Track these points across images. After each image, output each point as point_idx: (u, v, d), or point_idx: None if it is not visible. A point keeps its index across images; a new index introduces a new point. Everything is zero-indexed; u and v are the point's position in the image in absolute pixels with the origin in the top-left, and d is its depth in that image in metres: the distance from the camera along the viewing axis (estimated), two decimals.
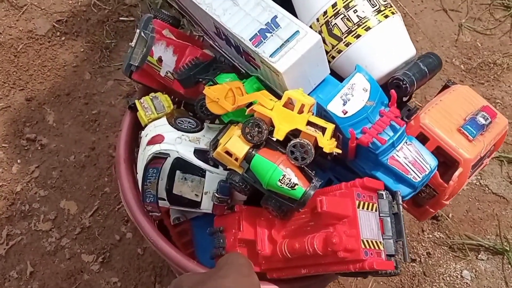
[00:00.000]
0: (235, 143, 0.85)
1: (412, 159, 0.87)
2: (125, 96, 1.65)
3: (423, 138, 0.91)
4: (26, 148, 1.60)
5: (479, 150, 0.91)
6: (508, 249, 1.48)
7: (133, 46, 1.02)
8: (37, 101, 1.67)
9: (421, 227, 1.53)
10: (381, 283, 1.46)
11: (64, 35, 1.77)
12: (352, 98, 0.84)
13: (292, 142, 0.82)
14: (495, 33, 1.80)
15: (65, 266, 1.47)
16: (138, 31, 1.02)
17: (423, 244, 1.51)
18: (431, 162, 0.88)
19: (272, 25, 0.86)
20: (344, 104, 0.84)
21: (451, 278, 1.47)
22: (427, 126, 0.91)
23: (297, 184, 0.81)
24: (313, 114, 0.85)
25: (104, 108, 1.67)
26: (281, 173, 0.81)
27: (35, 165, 1.59)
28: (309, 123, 0.83)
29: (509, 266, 1.48)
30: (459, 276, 1.47)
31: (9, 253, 1.49)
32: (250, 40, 0.86)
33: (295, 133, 0.83)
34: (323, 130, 0.83)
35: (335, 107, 0.84)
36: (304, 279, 0.92)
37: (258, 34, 0.86)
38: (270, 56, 0.84)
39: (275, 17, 0.87)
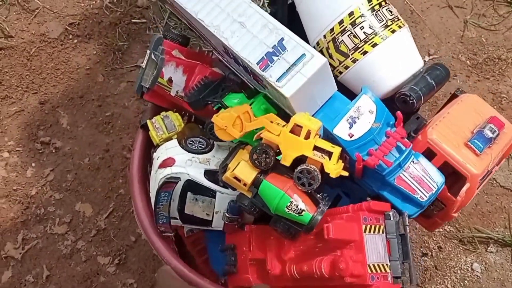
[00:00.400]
0: (243, 169, 0.87)
1: (419, 178, 0.88)
2: (139, 100, 1.66)
3: (430, 153, 0.93)
4: (40, 151, 1.62)
5: (486, 164, 0.92)
6: None
7: (143, 67, 1.04)
8: (51, 104, 1.68)
9: None
10: None
11: (77, 38, 1.77)
12: (358, 121, 0.86)
13: (298, 168, 0.84)
14: (499, 29, 1.79)
15: (81, 268, 1.49)
16: (148, 52, 1.04)
17: (434, 238, 1.53)
18: (438, 179, 0.89)
19: (279, 48, 0.87)
20: (350, 127, 0.85)
21: (461, 271, 1.49)
22: (435, 142, 0.92)
23: (304, 210, 0.83)
24: (320, 136, 0.86)
25: (118, 110, 1.67)
26: (289, 200, 0.83)
27: (49, 168, 1.60)
28: (316, 148, 0.84)
29: None
30: (469, 269, 1.49)
31: (25, 257, 1.51)
32: (257, 64, 0.87)
33: (302, 158, 0.84)
34: (329, 154, 0.84)
35: (341, 130, 0.85)
36: None
37: (265, 57, 0.87)
38: (277, 80, 0.85)
39: (282, 39, 0.88)
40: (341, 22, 0.94)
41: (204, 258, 1.19)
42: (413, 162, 0.89)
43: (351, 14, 0.94)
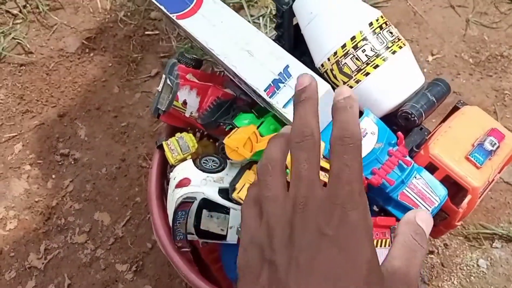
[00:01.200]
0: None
1: (422, 193, 0.93)
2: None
3: (432, 167, 0.98)
4: (60, 163, 1.68)
5: (487, 176, 0.97)
6: None
7: (159, 90, 1.10)
8: (69, 117, 1.74)
9: None
10: None
11: (93, 51, 1.83)
12: (362, 142, 0.91)
13: None
14: (501, 26, 1.83)
15: (101, 276, 1.54)
16: (164, 76, 1.09)
17: (440, 236, 1.58)
18: (440, 193, 0.94)
19: (284, 75, 0.92)
20: None
21: (468, 267, 1.54)
22: (436, 157, 0.97)
23: None
24: (323, 156, 0.92)
25: (133, 120, 1.73)
26: None
27: (69, 180, 1.65)
28: (320, 168, 0.90)
29: None
30: (475, 265, 1.54)
31: (47, 267, 1.56)
32: (265, 91, 0.92)
33: None
34: None
35: None
36: None
37: (272, 84, 0.92)
38: (283, 107, 0.90)
39: (287, 66, 0.93)
40: (344, 46, 0.99)
41: (219, 266, 1.24)
42: (415, 177, 0.94)
43: (353, 38, 0.99)
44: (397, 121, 1.00)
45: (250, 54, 0.95)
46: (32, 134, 1.73)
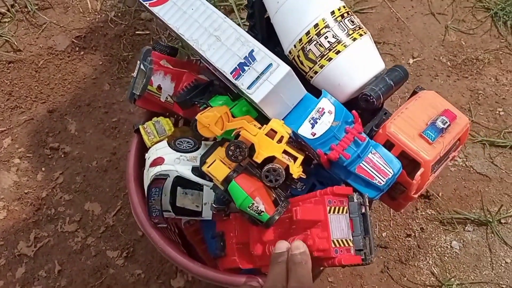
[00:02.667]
0: (216, 167, 1.00)
1: (377, 166, 1.01)
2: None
3: (389, 145, 1.05)
4: (50, 156, 1.73)
5: (438, 151, 1.05)
6: (490, 220, 1.62)
7: (134, 76, 1.17)
8: (59, 112, 1.79)
9: (415, 206, 1.67)
10: (381, 257, 1.61)
11: (83, 49, 1.88)
12: (319, 121, 0.99)
13: (266, 167, 0.97)
14: (477, 32, 1.92)
15: (91, 262, 1.60)
16: (138, 62, 1.17)
17: (417, 221, 1.65)
18: (394, 166, 1.02)
19: (249, 58, 0.99)
20: (312, 127, 0.99)
21: (442, 248, 1.61)
22: (392, 134, 1.05)
23: (263, 211, 0.96)
24: (290, 137, 0.99)
25: (124, 115, 1.78)
26: (251, 201, 0.96)
27: (59, 172, 1.71)
28: (285, 152, 0.98)
29: (492, 235, 1.63)
30: (449, 247, 1.62)
31: (37, 254, 1.61)
32: (231, 73, 0.99)
33: (271, 158, 0.98)
34: (294, 158, 0.98)
35: (305, 130, 0.99)
36: None
37: (238, 67, 0.99)
38: (248, 88, 0.97)
39: (252, 51, 1.00)
40: (308, 33, 1.07)
41: (204, 247, 1.31)
42: (371, 152, 1.02)
43: (316, 25, 1.06)
44: (359, 104, 1.08)
45: (218, 39, 1.03)
46: (21, 129, 1.78)
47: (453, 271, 1.59)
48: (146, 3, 1.09)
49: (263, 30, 1.21)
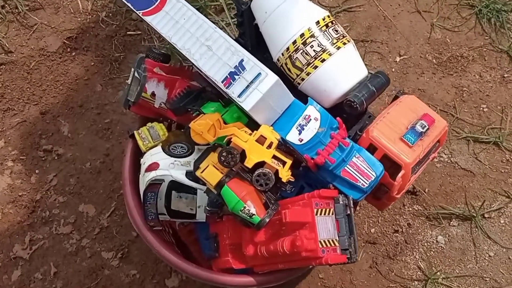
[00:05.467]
0: (209, 173, 1.05)
1: (360, 169, 1.06)
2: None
3: (372, 148, 1.11)
4: (43, 158, 1.73)
5: (418, 153, 1.11)
6: (475, 215, 1.67)
7: (129, 83, 1.21)
8: (52, 114, 1.79)
9: (402, 202, 1.71)
10: (370, 252, 1.65)
11: (75, 50, 1.88)
12: (306, 128, 1.05)
13: (256, 172, 1.02)
14: (462, 30, 1.96)
15: (87, 264, 1.61)
16: (132, 70, 1.21)
17: (404, 217, 1.69)
18: (377, 169, 1.08)
19: (239, 68, 1.04)
20: (299, 134, 1.04)
21: (428, 243, 1.66)
22: (375, 138, 1.10)
23: (254, 214, 1.02)
24: (278, 142, 1.04)
25: (116, 116, 1.78)
26: (242, 205, 1.02)
27: (53, 174, 1.71)
28: (274, 157, 1.03)
29: (476, 229, 1.68)
30: (434, 241, 1.66)
31: (33, 257, 1.62)
32: (222, 82, 1.04)
33: (261, 163, 1.03)
34: (283, 163, 1.03)
35: (292, 137, 1.04)
36: (282, 270, 1.13)
37: (228, 76, 1.04)
38: (238, 96, 1.02)
39: (242, 60, 1.04)
40: (294, 42, 1.12)
41: (198, 247, 1.35)
42: (355, 156, 1.07)
43: (302, 35, 1.11)
44: (344, 109, 1.13)
45: (209, 49, 1.07)
46: (14, 132, 1.77)
47: (439, 265, 1.65)
48: (140, 13, 1.13)
49: (253, 38, 1.26)
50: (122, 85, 1.82)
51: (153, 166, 1.12)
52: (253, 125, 1.09)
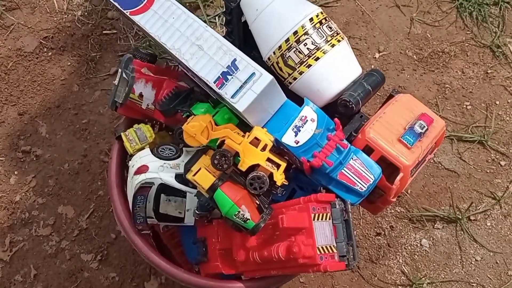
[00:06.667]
0: (201, 176, 1.02)
1: (358, 172, 1.03)
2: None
3: (368, 150, 1.08)
4: (22, 160, 1.71)
5: (417, 155, 1.08)
6: (460, 217, 1.65)
7: (116, 84, 1.17)
8: (29, 115, 1.77)
9: None
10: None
11: (51, 50, 1.86)
12: (302, 129, 1.01)
13: (250, 175, 0.99)
14: (443, 24, 1.94)
15: (66, 266, 1.59)
16: (120, 70, 1.17)
17: (387, 219, 1.68)
18: (375, 172, 1.04)
19: (232, 67, 1.00)
20: (296, 135, 1.01)
21: (411, 246, 1.64)
22: (372, 140, 1.07)
23: (249, 219, 0.99)
24: (272, 147, 1.01)
25: (93, 117, 1.77)
26: (237, 210, 0.99)
27: (31, 175, 1.69)
28: (268, 159, 1.00)
29: (462, 232, 1.66)
30: (418, 245, 1.65)
31: (13, 259, 1.60)
32: (214, 82, 1.00)
33: (255, 166, 0.99)
34: (278, 166, 1.00)
35: (288, 139, 1.01)
36: (275, 276, 1.10)
37: (221, 76, 1.00)
38: (232, 97, 0.98)
39: (235, 60, 1.01)
40: (287, 40, 1.08)
41: (180, 250, 1.33)
42: (353, 159, 1.04)
43: (295, 33, 1.08)
44: (338, 109, 1.10)
45: (201, 49, 1.03)
46: None
47: (424, 269, 1.63)
48: (127, 12, 1.09)
49: (240, 36, 1.22)
50: (99, 84, 1.82)
51: (143, 169, 1.09)
52: (243, 126, 1.06)
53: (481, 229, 1.67)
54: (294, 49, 1.08)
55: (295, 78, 1.11)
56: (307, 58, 1.08)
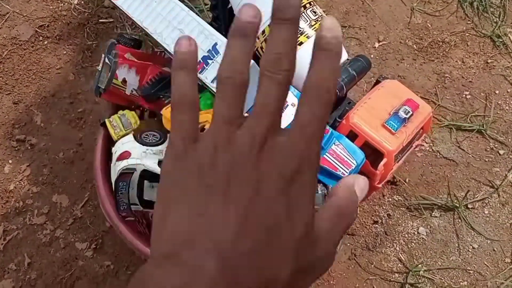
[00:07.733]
0: None
1: (340, 157, 1.02)
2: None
3: (353, 135, 1.07)
4: (16, 148, 1.71)
5: (401, 140, 1.07)
6: (457, 205, 1.64)
7: (99, 70, 1.17)
8: (24, 104, 1.77)
9: (381, 192, 1.68)
10: (348, 244, 1.63)
11: (47, 39, 1.85)
12: (283, 114, 1.00)
13: None
14: (443, 14, 1.93)
15: (61, 255, 1.59)
16: (103, 56, 1.16)
17: (384, 207, 1.67)
18: (357, 157, 1.03)
19: (213, 52, 1.00)
20: None
21: (409, 234, 1.63)
22: (356, 125, 1.06)
23: None
24: None
25: (89, 106, 1.77)
26: None
27: (26, 164, 1.69)
28: None
29: (459, 220, 1.64)
30: (416, 233, 1.64)
31: (7, 247, 1.60)
32: None
33: None
34: None
35: None
36: None
37: (201, 61, 1.00)
38: (212, 82, 0.98)
39: (216, 44, 1.00)
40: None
41: None
42: (335, 144, 1.03)
43: None
44: None
45: (182, 33, 1.03)
46: None
47: (420, 257, 1.62)
48: None
49: (226, 22, 1.21)
50: (95, 73, 1.79)
51: (125, 155, 1.08)
52: None
53: (479, 217, 1.66)
54: None
55: None
56: None
